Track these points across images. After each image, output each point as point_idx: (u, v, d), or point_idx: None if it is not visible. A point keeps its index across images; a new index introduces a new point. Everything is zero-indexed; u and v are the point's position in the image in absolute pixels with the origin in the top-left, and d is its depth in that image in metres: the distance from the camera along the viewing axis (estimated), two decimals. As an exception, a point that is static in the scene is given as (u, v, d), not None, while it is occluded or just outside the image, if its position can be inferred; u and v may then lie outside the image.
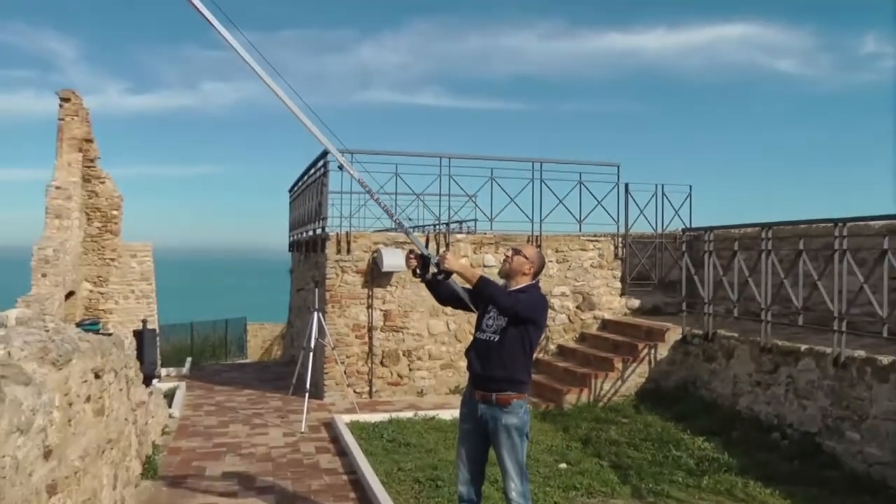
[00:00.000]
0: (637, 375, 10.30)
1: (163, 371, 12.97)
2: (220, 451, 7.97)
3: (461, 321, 11.03)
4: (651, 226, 12.47)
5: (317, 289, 10.22)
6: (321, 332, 9.84)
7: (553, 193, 11.79)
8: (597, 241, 12.18)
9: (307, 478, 7.02)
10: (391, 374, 10.98)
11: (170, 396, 10.41)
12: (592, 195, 12.00)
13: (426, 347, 11.12)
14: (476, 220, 13.38)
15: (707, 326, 9.93)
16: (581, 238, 12.10)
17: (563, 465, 7.41)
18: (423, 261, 4.66)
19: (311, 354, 9.55)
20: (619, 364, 10.29)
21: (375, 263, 10.77)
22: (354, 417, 9.28)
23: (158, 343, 13.47)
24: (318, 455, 7.86)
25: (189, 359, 16.70)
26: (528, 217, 11.66)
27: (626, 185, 12.21)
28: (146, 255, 19.05)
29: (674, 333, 10.47)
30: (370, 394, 10.84)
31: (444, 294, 4.81)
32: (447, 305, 5.04)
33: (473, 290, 4.58)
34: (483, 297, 4.60)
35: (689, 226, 12.04)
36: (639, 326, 11.16)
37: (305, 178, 13.10)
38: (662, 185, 12.35)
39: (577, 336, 11.91)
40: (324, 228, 11.11)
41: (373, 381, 10.88)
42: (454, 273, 4.57)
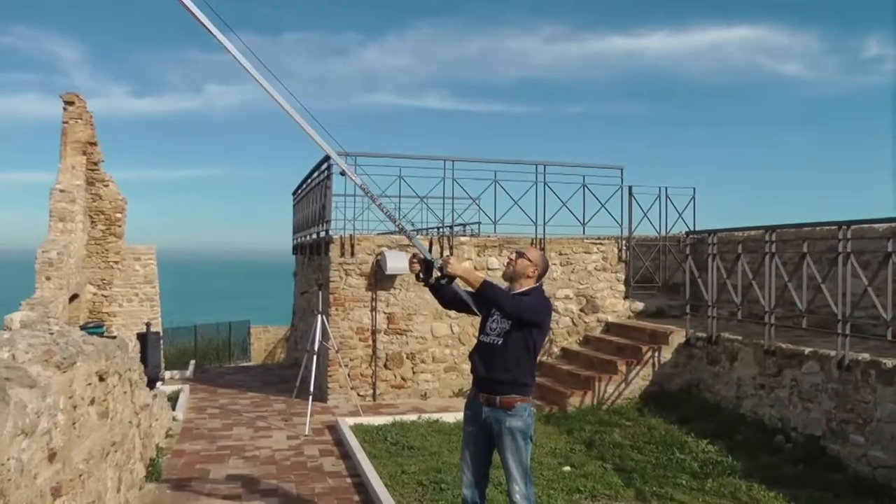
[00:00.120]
0: (641, 378, 10.30)
1: (166, 374, 12.99)
2: (224, 454, 7.97)
3: (465, 324, 11.03)
4: (655, 228, 12.46)
5: (320, 292, 10.22)
6: (325, 335, 9.85)
7: (557, 196, 11.81)
8: (600, 244, 12.18)
9: (311, 481, 7.02)
10: (395, 377, 10.98)
11: (173, 399, 10.42)
12: (596, 198, 12.03)
13: (430, 350, 11.12)
14: (480, 223, 13.41)
15: (711, 329, 9.92)
16: (585, 241, 12.09)
17: (567, 468, 7.40)
18: (427, 265, 4.65)
19: (315, 357, 9.55)
20: (623, 367, 10.28)
21: (379, 266, 10.78)
22: (358, 420, 9.28)
23: (162, 346, 13.49)
24: (322, 458, 7.86)
25: (192, 362, 16.73)
26: (532, 220, 11.67)
27: (630, 188, 12.21)
28: (150, 258, 19.05)
29: (677, 336, 10.46)
30: (374, 397, 10.84)
31: (448, 298, 4.81)
32: (451, 309, 5.06)
33: (477, 294, 4.58)
34: (486, 301, 4.60)
35: (693, 228, 12.04)
36: (642, 329, 11.16)
37: (309, 181, 13.11)
38: (666, 188, 12.34)
39: (581, 339, 11.91)
40: (327, 231, 11.12)
41: (376, 384, 10.89)
42: (457, 277, 4.57)
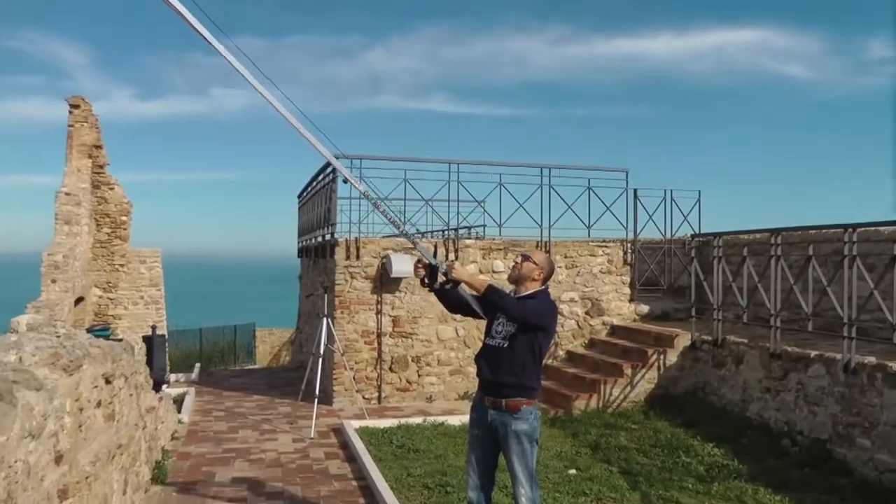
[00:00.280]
0: (646, 381, 10.28)
1: (172, 377, 12.99)
2: (230, 457, 7.98)
3: (470, 327, 11.03)
4: (660, 231, 12.44)
5: (326, 295, 10.23)
6: (330, 338, 9.85)
7: (562, 199, 11.81)
8: (606, 247, 12.18)
9: (317, 483, 7.02)
10: (400, 380, 10.98)
11: (179, 402, 10.44)
12: (601, 201, 12.01)
13: (435, 353, 11.11)
14: (485, 226, 13.39)
15: (716, 332, 9.90)
16: (590, 244, 12.09)
17: (573, 471, 7.39)
18: (431, 270, 4.66)
19: (321, 360, 9.55)
20: (629, 370, 10.26)
21: (384, 269, 10.78)
22: (363, 423, 9.28)
23: (167, 349, 13.50)
24: (328, 461, 7.86)
25: (198, 364, 16.72)
26: (537, 223, 11.67)
27: (635, 191, 12.20)
28: (155, 261, 19.08)
29: (683, 339, 10.45)
30: (379, 400, 10.84)
31: (453, 302, 4.82)
32: (456, 313, 5.06)
33: (481, 299, 4.59)
34: (491, 306, 4.60)
35: (699, 231, 12.01)
36: (648, 332, 11.14)
37: (314, 184, 13.13)
38: (671, 191, 12.32)
39: (587, 342, 11.90)
40: (333, 234, 11.12)
41: (382, 387, 10.88)
42: (462, 282, 4.59)
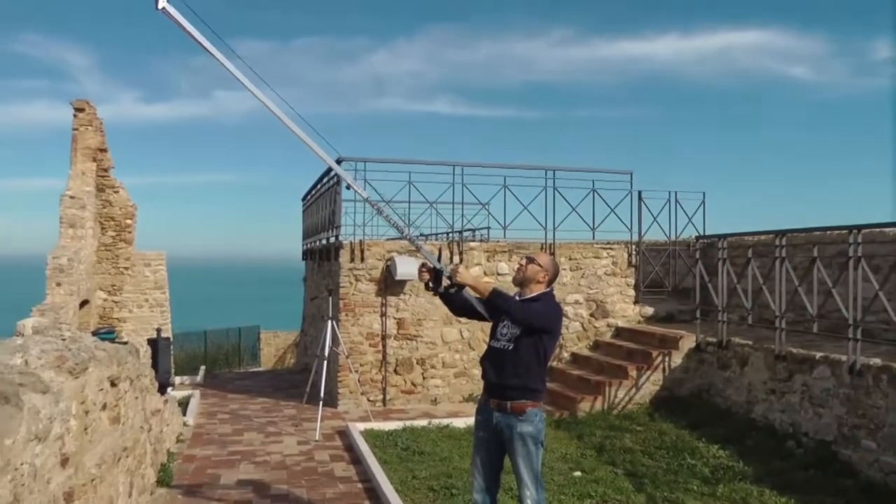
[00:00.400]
0: (651, 383, 10.27)
1: (177, 379, 13.01)
2: (235, 459, 7.99)
3: (475, 329, 11.03)
4: (664, 233, 12.42)
5: (330, 297, 10.23)
6: (335, 341, 9.86)
7: (566, 201, 11.79)
8: (610, 249, 12.17)
9: (322, 486, 7.03)
10: (405, 383, 10.98)
11: (184, 404, 10.46)
12: (606, 203, 12.00)
13: (440, 356, 11.12)
14: (489, 228, 13.40)
15: (721, 334, 9.88)
16: (594, 246, 12.08)
17: (578, 473, 7.39)
18: (436, 274, 4.67)
19: (325, 363, 9.56)
20: (633, 372, 10.25)
21: (389, 272, 10.79)
22: (368, 426, 9.28)
23: (172, 351, 13.52)
24: (333, 463, 7.87)
25: (203, 367, 16.75)
26: (542, 225, 11.66)
27: (640, 193, 12.17)
28: (160, 264, 19.13)
29: (688, 341, 10.43)
30: (384, 402, 10.84)
31: (458, 305, 4.84)
32: (461, 316, 5.08)
33: (486, 303, 4.60)
34: (496, 309, 4.61)
35: (703, 233, 11.99)
36: (652, 334, 11.13)
37: (319, 187, 13.14)
38: (676, 193, 12.29)
39: (591, 344, 11.88)
40: (337, 237, 11.13)
41: (386, 390, 10.89)
42: (466, 286, 4.59)
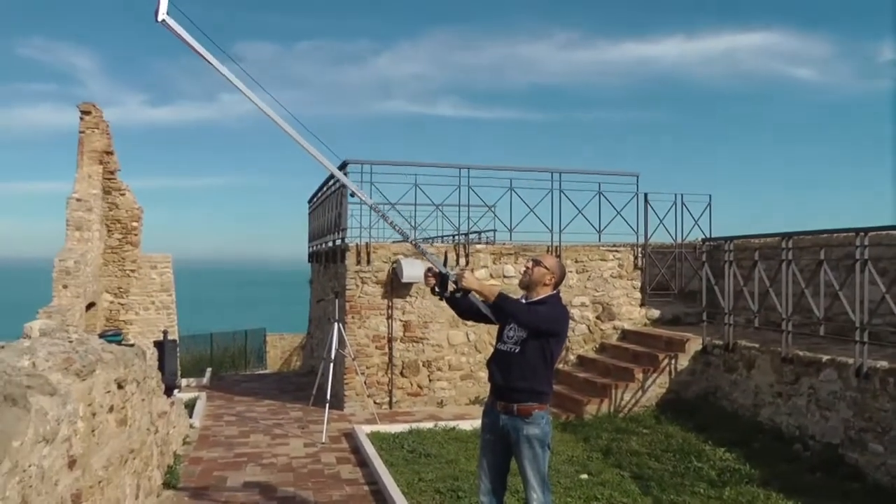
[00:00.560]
0: (657, 386, 10.25)
1: (183, 381, 13.04)
2: (241, 462, 8.00)
3: (481, 332, 11.03)
4: (671, 236, 12.40)
5: (337, 299, 10.25)
6: (341, 343, 9.87)
7: (572, 203, 11.79)
8: (616, 252, 12.15)
9: (328, 488, 7.03)
10: (411, 385, 10.98)
11: (190, 407, 10.47)
12: (612, 205, 11.98)
13: (446, 358, 11.11)
14: (495, 231, 13.37)
15: (727, 337, 9.86)
16: (601, 248, 12.07)
17: (584, 476, 7.38)
18: (442, 279, 4.67)
19: (332, 365, 9.57)
20: (640, 374, 10.24)
21: (395, 274, 10.79)
22: (375, 428, 9.29)
23: (178, 354, 13.54)
24: (339, 465, 7.87)
25: (209, 369, 16.76)
26: (548, 227, 11.66)
27: (646, 195, 12.15)
28: (166, 267, 19.15)
29: (694, 344, 10.41)
30: (390, 404, 10.85)
31: (464, 308, 4.84)
32: (468, 319, 5.08)
33: (492, 307, 4.60)
34: (503, 313, 4.61)
35: (709, 235, 11.96)
36: (659, 337, 11.11)
37: (324, 189, 13.16)
38: (682, 195, 12.27)
39: (597, 346, 11.87)
40: (343, 239, 11.15)
41: (393, 392, 10.89)
42: (472, 291, 4.59)
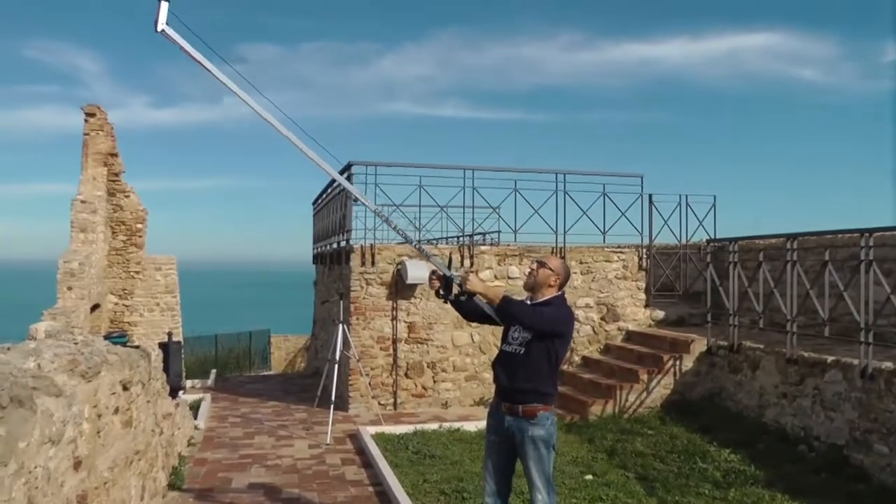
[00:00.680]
0: (662, 387, 10.24)
1: (188, 383, 13.05)
2: (246, 463, 8.01)
3: (485, 333, 11.03)
4: (675, 237, 12.39)
5: (341, 301, 10.25)
6: (346, 344, 9.88)
7: (577, 205, 11.78)
8: (621, 253, 12.15)
9: (333, 489, 7.04)
10: (416, 386, 10.98)
11: (195, 408, 10.48)
12: (616, 206, 11.98)
13: (450, 359, 11.11)
14: (500, 232, 13.37)
15: (732, 338, 9.85)
16: (605, 249, 12.06)
17: (589, 477, 7.37)
18: (446, 282, 4.67)
19: (336, 366, 9.57)
20: (644, 376, 10.23)
21: (400, 275, 10.80)
22: (379, 429, 9.29)
23: (183, 355, 13.55)
24: (344, 467, 7.88)
25: (214, 371, 16.78)
26: (552, 229, 11.66)
27: (650, 196, 12.14)
28: (171, 268, 19.19)
29: (699, 345, 10.39)
30: (395, 406, 10.85)
31: (468, 310, 4.85)
32: (472, 321, 5.09)
33: (497, 309, 4.60)
34: (508, 316, 4.61)
35: (714, 236, 11.94)
36: (663, 338, 11.09)
37: (329, 191, 13.17)
38: (686, 196, 12.26)
39: (602, 347, 11.87)
40: (348, 241, 11.16)
41: (397, 393, 10.90)
42: (477, 294, 4.60)
